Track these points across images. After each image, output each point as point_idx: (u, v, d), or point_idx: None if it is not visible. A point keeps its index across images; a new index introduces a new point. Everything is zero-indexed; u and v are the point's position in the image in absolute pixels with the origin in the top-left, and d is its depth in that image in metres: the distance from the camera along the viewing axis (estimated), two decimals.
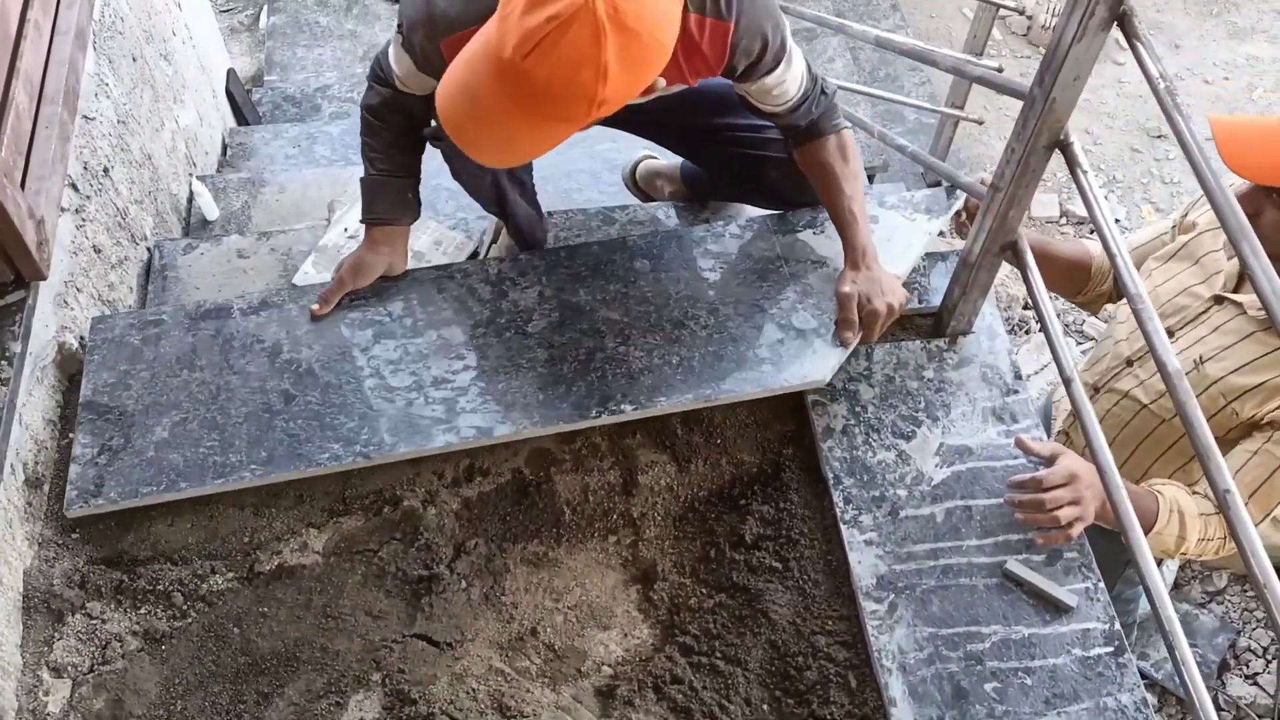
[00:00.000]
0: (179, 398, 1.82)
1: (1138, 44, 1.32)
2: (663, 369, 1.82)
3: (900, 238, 2.00)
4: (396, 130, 1.84)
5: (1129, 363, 1.87)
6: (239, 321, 1.92)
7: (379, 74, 1.79)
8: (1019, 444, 1.66)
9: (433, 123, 1.78)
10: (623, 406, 1.78)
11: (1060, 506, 1.56)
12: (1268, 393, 1.65)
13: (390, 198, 1.90)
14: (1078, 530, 1.58)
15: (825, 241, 2.00)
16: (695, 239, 2.02)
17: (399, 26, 1.66)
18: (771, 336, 1.86)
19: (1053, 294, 1.89)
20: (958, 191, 2.06)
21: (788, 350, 1.84)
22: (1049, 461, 1.60)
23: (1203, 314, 1.75)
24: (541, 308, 1.93)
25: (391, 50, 1.72)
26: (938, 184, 3.57)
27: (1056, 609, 1.63)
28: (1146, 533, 1.58)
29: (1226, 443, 1.70)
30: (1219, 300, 1.73)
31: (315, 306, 1.90)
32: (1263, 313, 1.63)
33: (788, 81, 1.71)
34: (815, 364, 1.82)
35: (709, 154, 2.14)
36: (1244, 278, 1.72)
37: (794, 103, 1.75)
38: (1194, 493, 1.68)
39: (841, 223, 1.84)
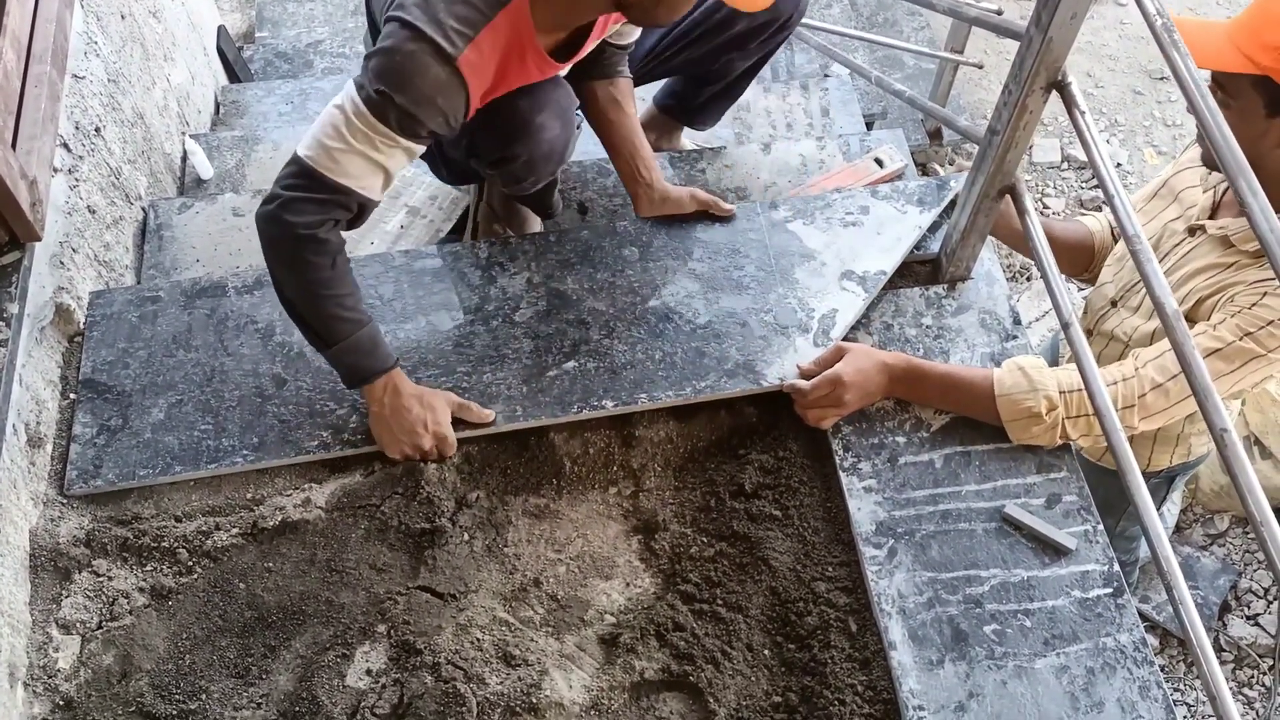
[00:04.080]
0: (175, 379, 1.83)
1: None
2: (645, 364, 1.83)
3: (890, 230, 1.98)
4: (343, 260, 1.59)
5: (1113, 304, 1.88)
6: (233, 301, 1.93)
7: (307, 187, 1.50)
8: (801, 372, 1.79)
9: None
10: (604, 402, 1.79)
11: (816, 407, 1.75)
12: (1215, 294, 1.66)
13: (380, 345, 1.66)
14: (829, 422, 1.76)
15: (814, 233, 1.99)
16: (685, 227, 2.01)
17: (361, 102, 1.47)
18: (755, 333, 1.86)
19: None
20: (951, 183, 2.04)
21: (771, 348, 1.84)
22: (829, 365, 1.76)
23: (1177, 245, 1.75)
24: (529, 295, 1.92)
25: (332, 142, 1.49)
26: (936, 131, 3.55)
27: (1055, 552, 1.64)
28: (988, 404, 1.69)
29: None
30: (1192, 231, 1.73)
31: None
32: (1221, 230, 1.65)
33: None
34: (798, 362, 1.82)
35: (691, 52, 2.14)
36: (1217, 207, 1.72)
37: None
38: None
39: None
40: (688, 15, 1.97)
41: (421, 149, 1.57)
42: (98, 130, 2.07)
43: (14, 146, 1.68)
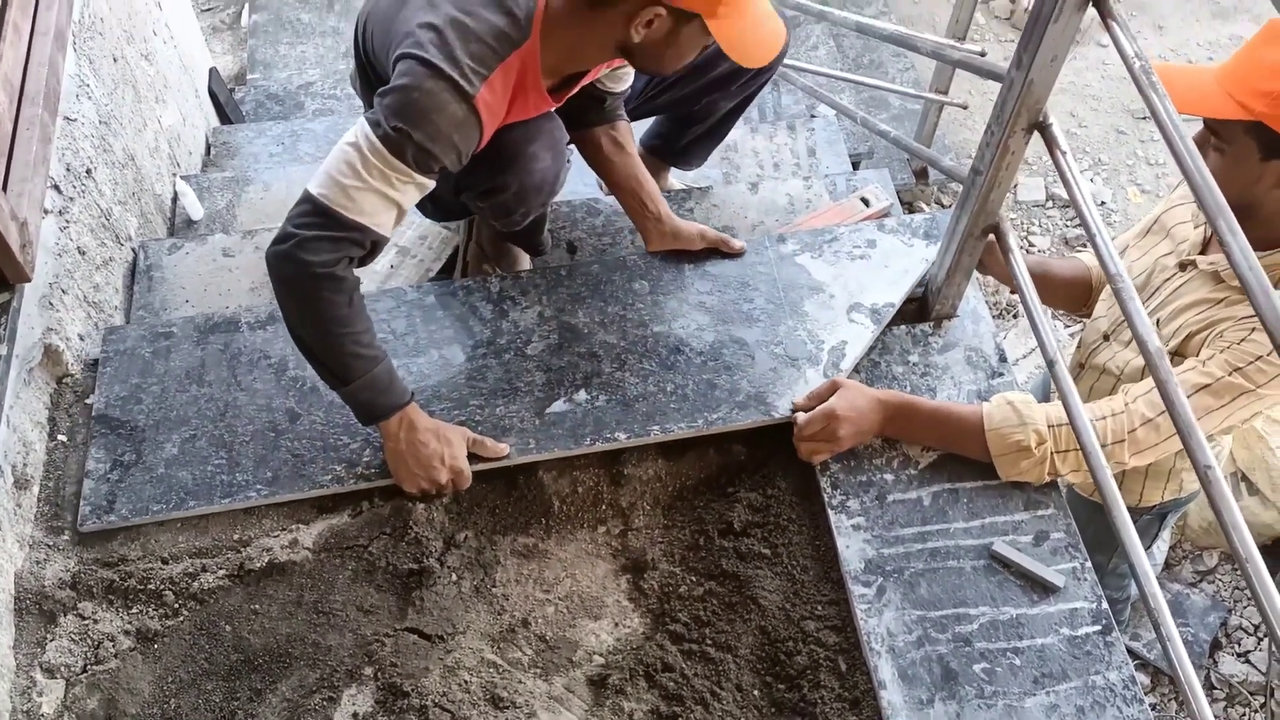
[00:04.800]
0: (188, 414, 1.84)
1: (1113, 23, 1.32)
2: (657, 396, 1.83)
3: (897, 263, 2.00)
4: (358, 297, 1.59)
5: (1105, 337, 1.89)
6: (247, 336, 1.94)
7: (323, 225, 1.50)
8: (795, 407, 1.81)
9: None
10: (617, 434, 1.79)
11: (810, 441, 1.76)
12: (1204, 330, 1.67)
13: (395, 381, 1.66)
14: (821, 457, 1.77)
15: (822, 266, 2.00)
16: (694, 261, 2.03)
17: (378, 139, 1.48)
18: (765, 365, 1.87)
19: (1057, 311, 1.93)
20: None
21: (781, 379, 1.84)
22: (823, 399, 1.78)
23: (1169, 280, 1.76)
24: (541, 328, 1.93)
25: (348, 180, 1.50)
26: (922, 171, 3.59)
27: (1044, 589, 1.64)
28: (977, 439, 1.70)
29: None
30: (1183, 266, 1.75)
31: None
32: (1212, 266, 1.67)
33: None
34: (794, 399, 1.82)
35: (674, 94, 2.17)
36: (1208, 243, 1.74)
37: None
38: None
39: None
40: None
41: (433, 184, 1.59)
42: (89, 172, 2.08)
43: (4, 189, 1.69)
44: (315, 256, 1.50)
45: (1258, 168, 1.54)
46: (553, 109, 1.80)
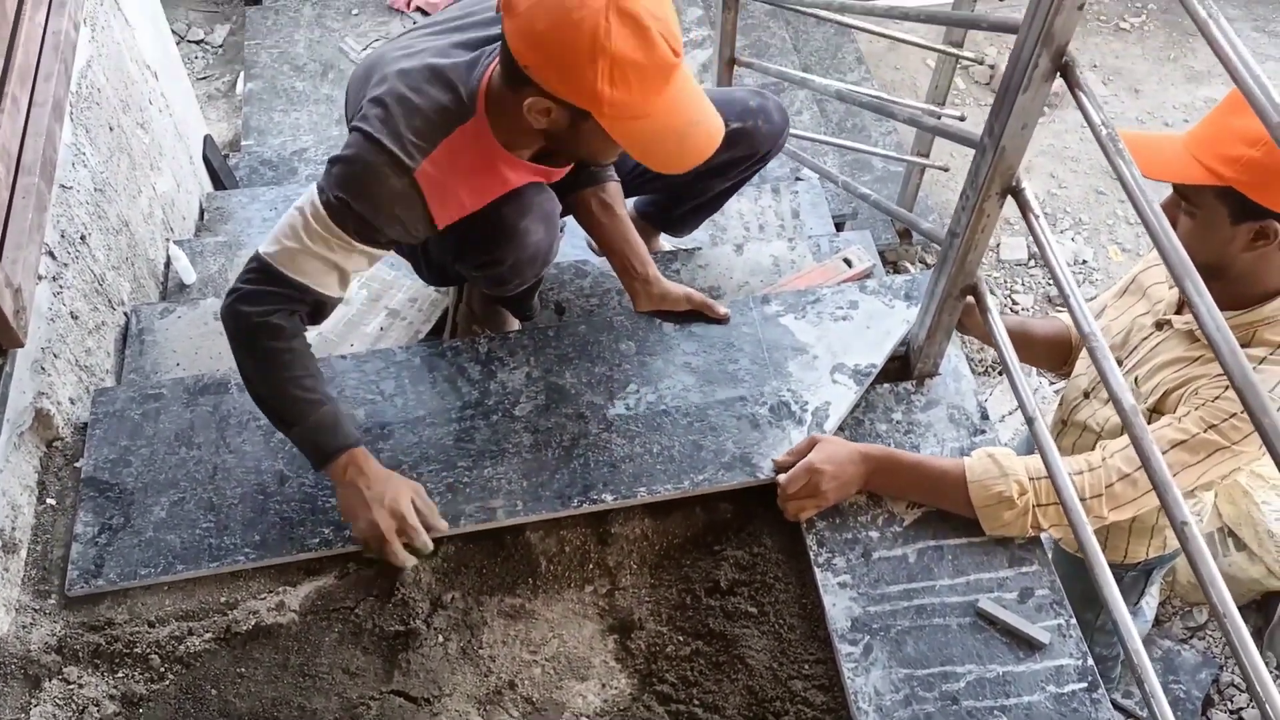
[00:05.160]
0: (177, 476, 1.84)
1: (1080, 93, 1.37)
2: (644, 457, 1.85)
3: (879, 324, 2.03)
4: (300, 344, 1.66)
5: (1085, 395, 1.92)
6: (235, 397, 1.95)
7: (264, 281, 1.60)
8: (776, 466, 1.83)
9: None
10: (604, 495, 1.81)
11: (795, 499, 1.77)
12: (1181, 387, 1.69)
13: (341, 425, 1.69)
14: (808, 514, 1.79)
15: (805, 327, 2.03)
16: (680, 321, 2.05)
17: (321, 205, 1.57)
18: (750, 426, 1.89)
19: (1039, 370, 1.95)
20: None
21: (766, 440, 1.86)
22: (803, 455, 1.80)
23: (1145, 339, 1.80)
24: (529, 389, 1.95)
25: (290, 242, 1.59)
26: (906, 231, 3.65)
27: (1030, 646, 1.65)
28: (960, 492, 1.72)
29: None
30: (1160, 325, 1.78)
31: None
32: (1187, 325, 1.70)
33: None
34: (773, 457, 1.84)
35: (668, 178, 2.15)
36: (1183, 303, 1.77)
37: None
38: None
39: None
40: None
41: (383, 254, 1.66)
42: (83, 238, 2.11)
43: (0, 256, 1.72)
44: (253, 307, 1.60)
45: (1228, 230, 1.58)
46: (546, 180, 1.84)
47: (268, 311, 1.60)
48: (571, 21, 1.43)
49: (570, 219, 2.08)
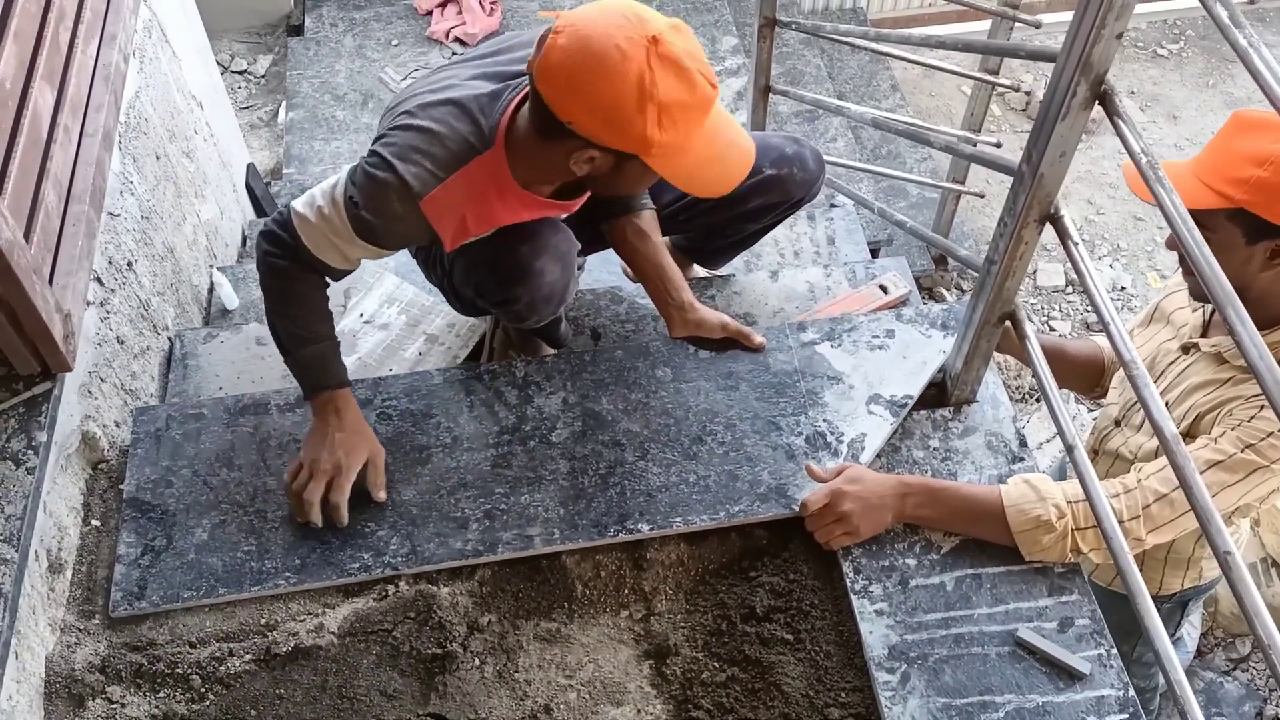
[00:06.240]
0: (218, 498, 1.87)
1: (1119, 121, 1.37)
2: (680, 487, 1.85)
3: (915, 354, 2.03)
4: (300, 288, 1.80)
5: (1117, 423, 1.91)
6: (275, 419, 1.97)
7: (280, 245, 1.76)
8: (808, 471, 1.82)
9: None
10: (640, 525, 1.81)
11: (819, 525, 1.77)
12: (1214, 410, 1.69)
13: (330, 365, 1.84)
14: (842, 544, 1.77)
15: (841, 356, 2.03)
16: (716, 348, 2.06)
17: (343, 193, 1.68)
18: (785, 456, 1.89)
19: (1071, 392, 1.95)
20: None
21: (802, 472, 1.85)
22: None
23: (1173, 364, 1.79)
24: (565, 415, 1.97)
25: (308, 211, 1.72)
26: (941, 258, 3.64)
27: (1070, 676, 1.63)
28: (997, 519, 1.71)
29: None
30: (1186, 349, 1.78)
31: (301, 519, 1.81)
32: (1214, 348, 1.71)
33: None
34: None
35: (706, 220, 2.19)
36: (1208, 325, 1.78)
37: None
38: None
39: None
40: None
41: (388, 254, 1.80)
42: (130, 265, 2.16)
43: (51, 282, 1.76)
44: (266, 247, 1.77)
45: (1244, 251, 1.59)
46: (560, 216, 1.86)
47: (275, 254, 1.75)
48: (617, 75, 1.46)
49: (600, 253, 2.10)
